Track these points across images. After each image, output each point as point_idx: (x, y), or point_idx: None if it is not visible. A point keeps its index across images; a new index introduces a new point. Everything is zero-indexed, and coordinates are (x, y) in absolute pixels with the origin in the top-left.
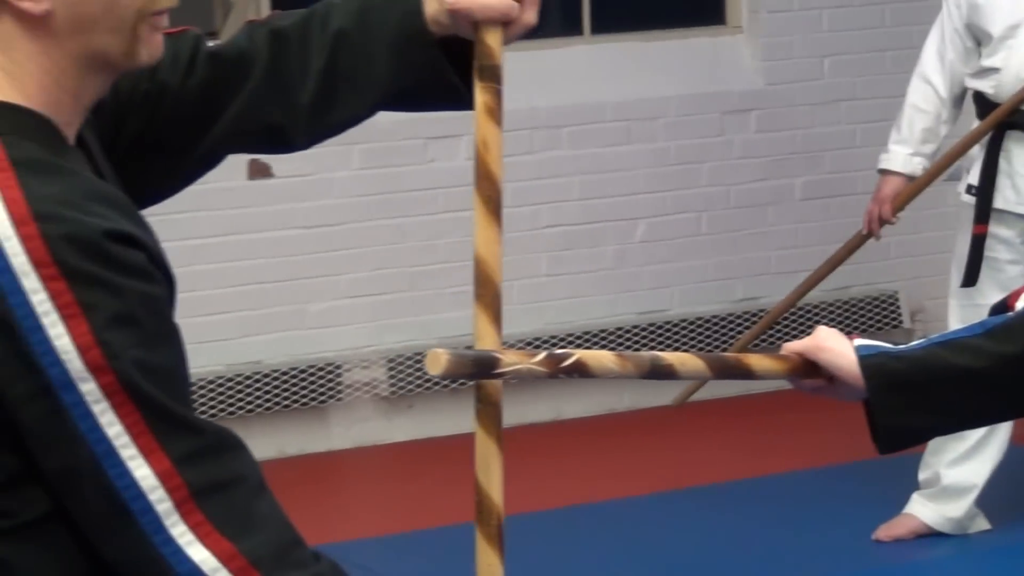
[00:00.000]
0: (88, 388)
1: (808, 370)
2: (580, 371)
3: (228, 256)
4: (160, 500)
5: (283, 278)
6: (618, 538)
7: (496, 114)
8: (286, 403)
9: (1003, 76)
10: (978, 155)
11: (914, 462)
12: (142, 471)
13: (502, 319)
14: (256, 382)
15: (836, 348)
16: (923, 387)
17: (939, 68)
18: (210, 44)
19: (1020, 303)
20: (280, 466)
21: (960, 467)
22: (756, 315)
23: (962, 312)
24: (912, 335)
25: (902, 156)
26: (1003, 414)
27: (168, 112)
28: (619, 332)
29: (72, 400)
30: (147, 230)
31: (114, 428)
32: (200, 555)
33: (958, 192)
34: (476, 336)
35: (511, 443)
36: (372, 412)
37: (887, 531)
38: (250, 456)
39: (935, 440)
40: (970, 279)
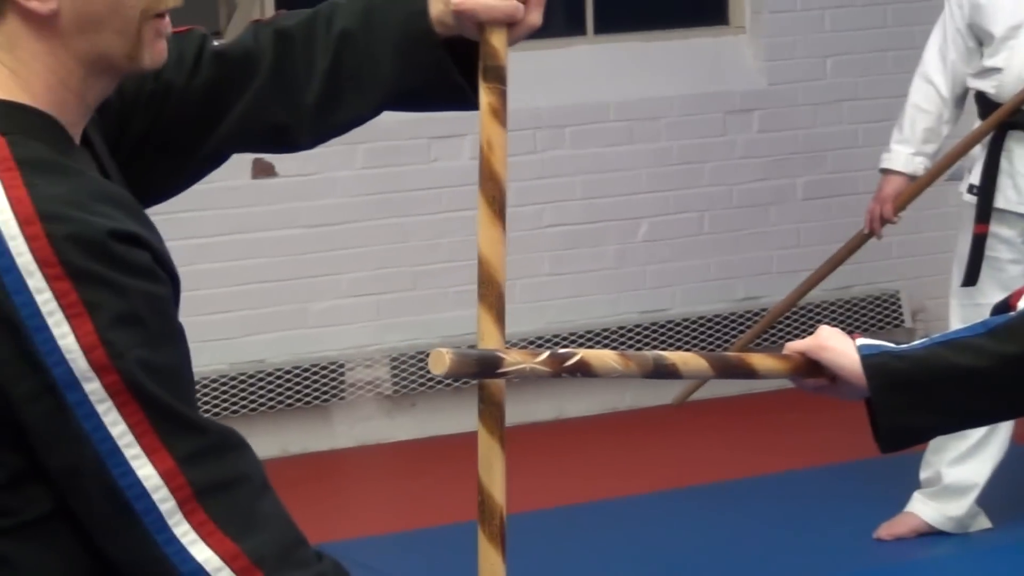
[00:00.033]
0: (92, 387)
1: (810, 369)
2: (583, 371)
3: (232, 255)
4: (164, 499)
5: (286, 277)
6: (620, 536)
7: (500, 115)
8: (289, 402)
9: (1005, 76)
10: (979, 155)
11: (915, 461)
12: (146, 470)
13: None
14: (259, 381)
15: (838, 347)
16: (925, 387)
17: (941, 68)
18: (215, 44)
19: (1022, 303)
20: (283, 465)
21: (961, 466)
22: (758, 314)
23: (963, 312)
24: (913, 334)
25: (904, 156)
26: (1005, 414)
27: (173, 112)
28: (621, 331)
29: (76, 399)
30: (152, 230)
31: (118, 427)
32: (203, 554)
33: (959, 192)
34: (479, 336)
35: (513, 442)
36: (375, 411)
37: (888, 530)
38: (253, 455)
39: (936, 439)
40: (970, 278)
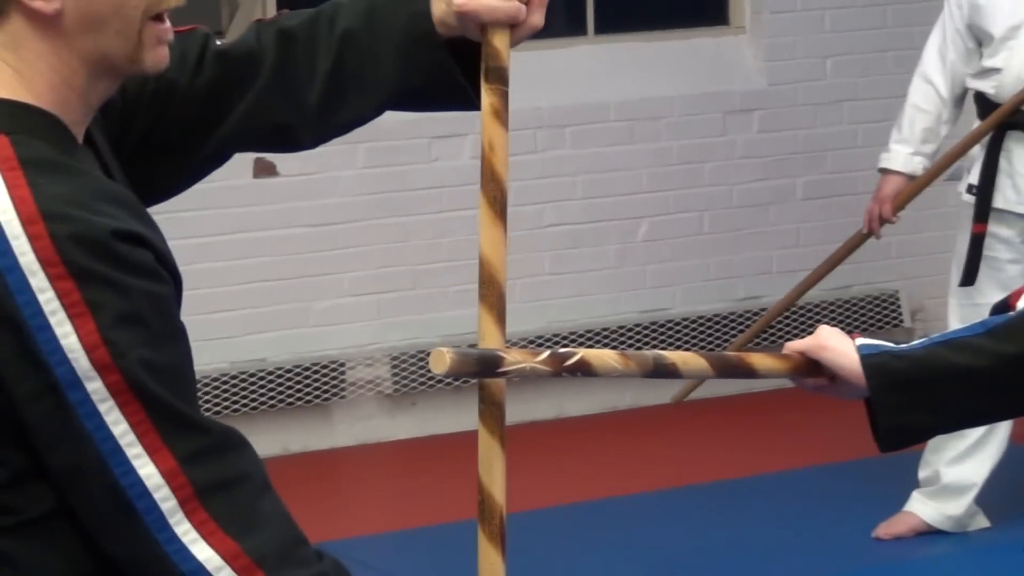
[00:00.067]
0: (94, 387)
1: (810, 369)
2: (583, 370)
3: (233, 254)
4: (165, 499)
5: (288, 276)
6: (620, 535)
7: (502, 116)
8: (290, 400)
9: (1004, 76)
10: (979, 155)
11: (914, 460)
12: (147, 470)
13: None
14: (260, 379)
15: (838, 347)
16: (924, 386)
17: (940, 68)
18: (218, 43)
19: (1021, 303)
20: (284, 463)
21: (960, 465)
22: (758, 314)
23: (962, 311)
24: (912, 334)
25: (903, 155)
26: (1004, 413)
27: (176, 111)
28: (621, 331)
29: (78, 398)
30: (155, 229)
31: (120, 427)
32: (204, 553)
33: (959, 192)
34: (480, 336)
35: (513, 441)
36: (376, 409)
37: (887, 529)
38: (254, 455)
39: (935, 439)
40: (969, 278)
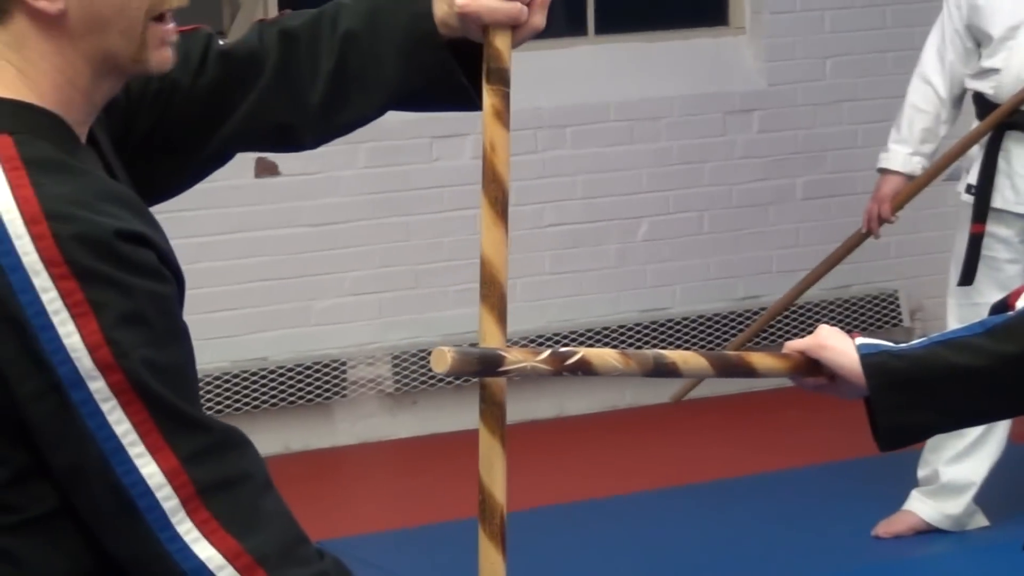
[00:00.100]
0: (97, 386)
1: (810, 368)
2: (584, 369)
3: (235, 253)
4: (167, 498)
5: (289, 275)
6: (620, 534)
7: (504, 116)
8: (291, 399)
9: (1003, 77)
10: (977, 155)
11: (913, 460)
12: (149, 469)
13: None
14: (262, 378)
15: (838, 347)
16: (924, 386)
17: (939, 69)
18: (221, 43)
19: (1020, 302)
20: (285, 462)
21: (959, 464)
22: (757, 313)
23: (960, 311)
24: (912, 333)
25: (902, 155)
26: (1003, 412)
27: (178, 111)
28: (621, 330)
29: (81, 398)
30: (157, 229)
31: (122, 426)
32: (206, 552)
33: (957, 192)
34: (481, 335)
35: (514, 439)
36: (376, 408)
37: (886, 527)
38: (256, 454)
39: (934, 438)
40: (967, 278)
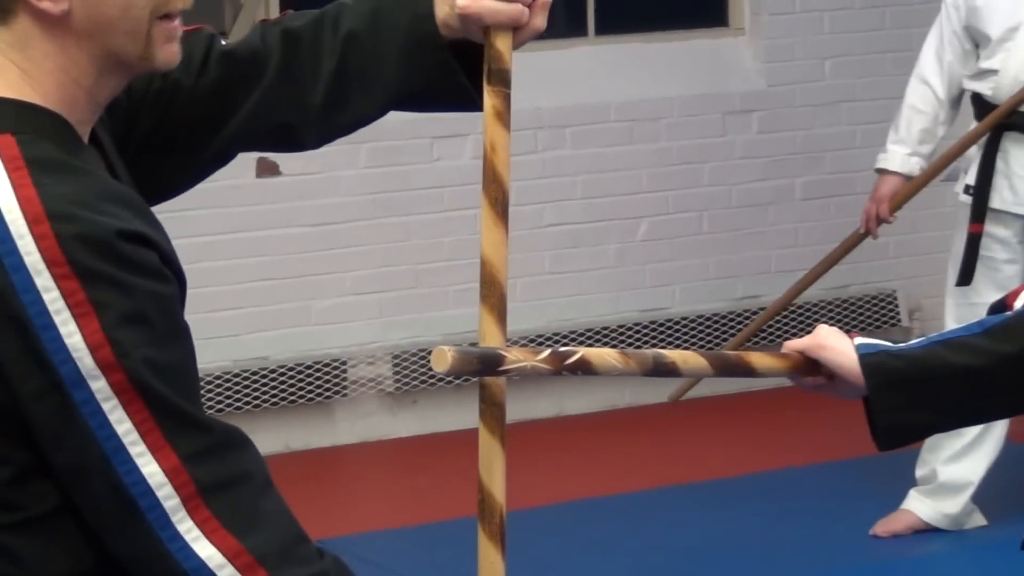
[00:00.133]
0: (98, 386)
1: (809, 368)
2: (584, 368)
3: (236, 253)
4: (168, 497)
5: (290, 275)
6: (619, 532)
7: (504, 117)
8: (292, 398)
9: (1001, 78)
10: (975, 156)
11: (911, 459)
12: (150, 468)
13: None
14: (263, 377)
15: (837, 346)
16: (922, 385)
17: (937, 70)
18: (223, 43)
19: (1019, 302)
20: (286, 460)
21: (957, 464)
22: (756, 313)
23: (958, 311)
24: (910, 333)
25: (900, 156)
26: (1001, 412)
27: (181, 110)
28: (621, 329)
29: (82, 397)
30: (159, 229)
31: (123, 425)
32: (206, 551)
33: (956, 192)
34: (481, 336)
35: (514, 439)
36: (377, 407)
37: (884, 526)
38: (256, 453)
39: (932, 437)
40: (965, 278)
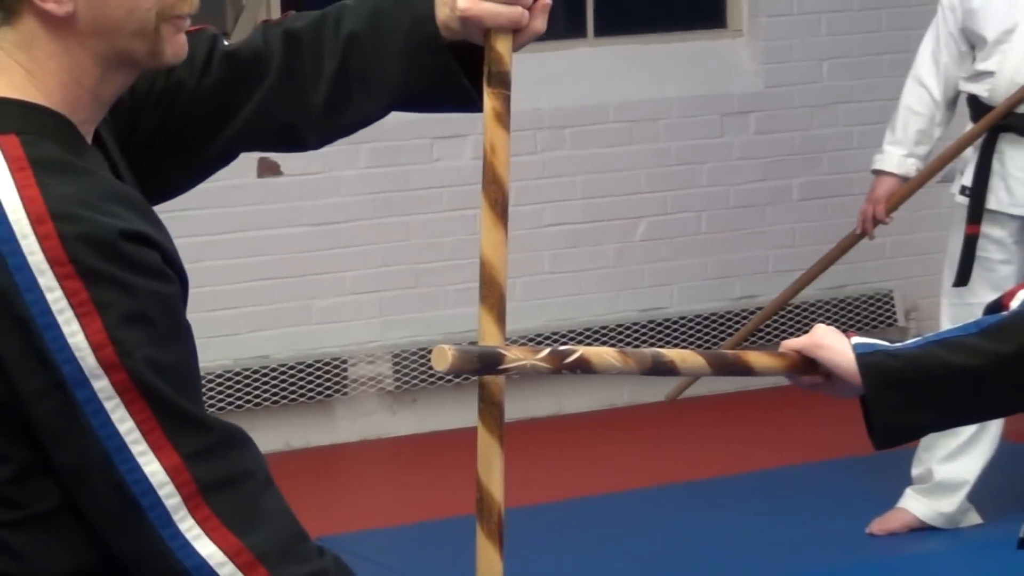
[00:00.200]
0: (101, 385)
1: (806, 367)
2: (583, 367)
3: (237, 252)
4: (169, 495)
5: (291, 274)
6: (617, 530)
7: (504, 119)
8: (292, 397)
9: (997, 80)
10: (971, 157)
11: (907, 458)
12: (152, 466)
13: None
14: (263, 376)
15: (834, 346)
16: (919, 385)
17: (933, 71)
18: (225, 43)
19: (1015, 303)
20: (286, 458)
21: (952, 463)
22: (754, 313)
23: (953, 311)
24: (906, 333)
25: (896, 157)
26: (997, 411)
27: (183, 110)
28: (620, 329)
29: (85, 396)
30: (161, 229)
31: (125, 424)
32: (207, 549)
33: (951, 193)
34: (480, 336)
35: (513, 437)
36: (377, 406)
37: (881, 525)
38: (257, 452)
39: (927, 437)
40: (962, 279)
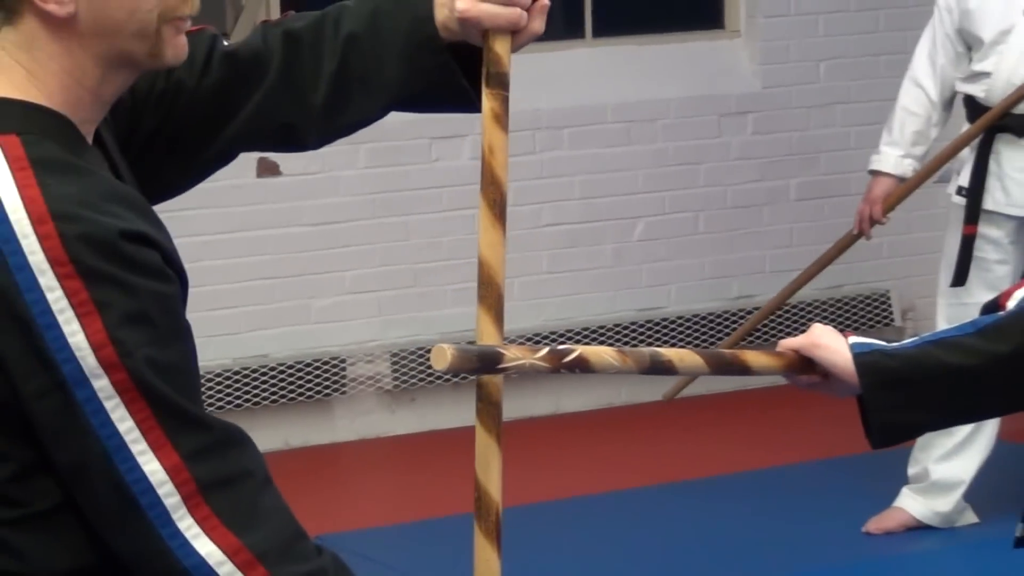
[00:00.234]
0: (101, 384)
1: (804, 366)
2: (581, 366)
3: (236, 252)
4: (168, 494)
5: (290, 274)
6: (615, 529)
7: (503, 120)
8: (292, 396)
9: (994, 80)
10: (968, 157)
11: (904, 457)
12: (152, 466)
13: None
14: (262, 375)
15: (831, 345)
16: (916, 385)
17: (930, 72)
18: (225, 44)
19: (1011, 303)
20: (285, 457)
21: (948, 463)
22: (751, 313)
23: (949, 311)
24: (903, 333)
25: (893, 158)
26: (993, 411)
27: (183, 111)
28: (617, 328)
29: (85, 396)
30: (161, 228)
31: (125, 424)
32: (206, 548)
33: (948, 194)
34: (478, 336)
35: (511, 436)
36: (375, 405)
37: (877, 524)
38: (256, 451)
39: (924, 436)
40: (960, 279)
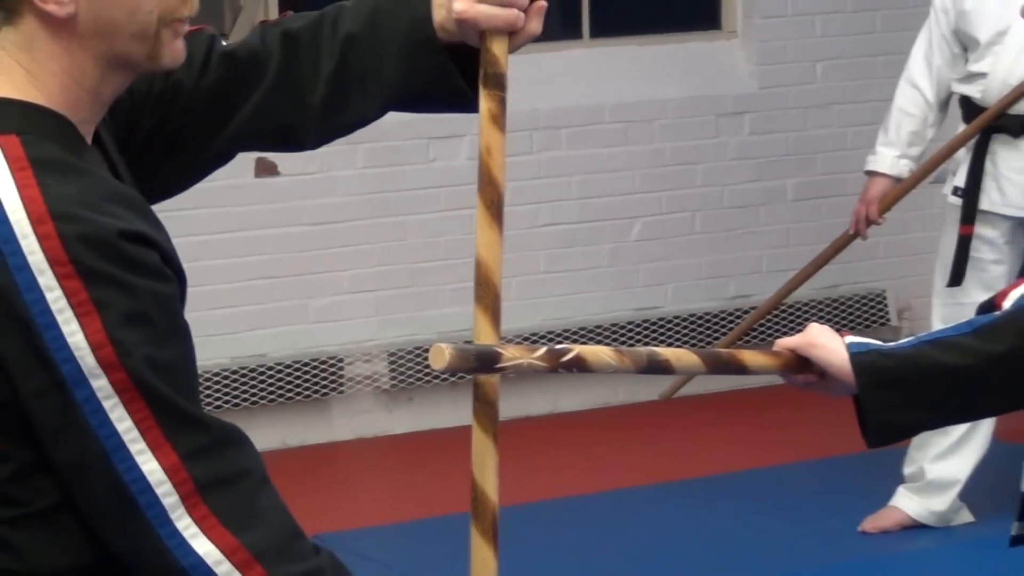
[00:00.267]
0: (99, 384)
1: (800, 366)
2: (579, 366)
3: (234, 252)
4: (167, 494)
5: (288, 273)
6: (612, 528)
7: (500, 121)
8: (289, 395)
9: (990, 81)
10: (964, 158)
11: (900, 456)
12: (150, 465)
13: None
14: (260, 375)
15: (828, 345)
16: (912, 384)
17: (926, 73)
18: (224, 44)
19: (1007, 302)
20: (283, 456)
21: (944, 462)
22: (748, 312)
23: (945, 311)
24: (899, 333)
25: (889, 158)
26: (989, 411)
27: (182, 111)
28: (614, 328)
29: (84, 395)
30: (160, 228)
31: (124, 423)
32: (204, 548)
33: (944, 194)
34: (475, 336)
35: (508, 435)
36: (373, 404)
37: (873, 523)
38: (254, 451)
39: (920, 435)
40: (956, 279)
